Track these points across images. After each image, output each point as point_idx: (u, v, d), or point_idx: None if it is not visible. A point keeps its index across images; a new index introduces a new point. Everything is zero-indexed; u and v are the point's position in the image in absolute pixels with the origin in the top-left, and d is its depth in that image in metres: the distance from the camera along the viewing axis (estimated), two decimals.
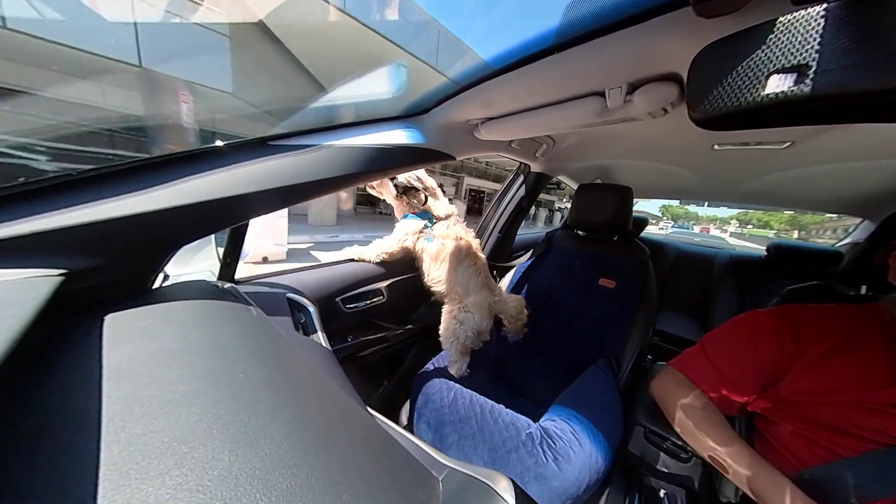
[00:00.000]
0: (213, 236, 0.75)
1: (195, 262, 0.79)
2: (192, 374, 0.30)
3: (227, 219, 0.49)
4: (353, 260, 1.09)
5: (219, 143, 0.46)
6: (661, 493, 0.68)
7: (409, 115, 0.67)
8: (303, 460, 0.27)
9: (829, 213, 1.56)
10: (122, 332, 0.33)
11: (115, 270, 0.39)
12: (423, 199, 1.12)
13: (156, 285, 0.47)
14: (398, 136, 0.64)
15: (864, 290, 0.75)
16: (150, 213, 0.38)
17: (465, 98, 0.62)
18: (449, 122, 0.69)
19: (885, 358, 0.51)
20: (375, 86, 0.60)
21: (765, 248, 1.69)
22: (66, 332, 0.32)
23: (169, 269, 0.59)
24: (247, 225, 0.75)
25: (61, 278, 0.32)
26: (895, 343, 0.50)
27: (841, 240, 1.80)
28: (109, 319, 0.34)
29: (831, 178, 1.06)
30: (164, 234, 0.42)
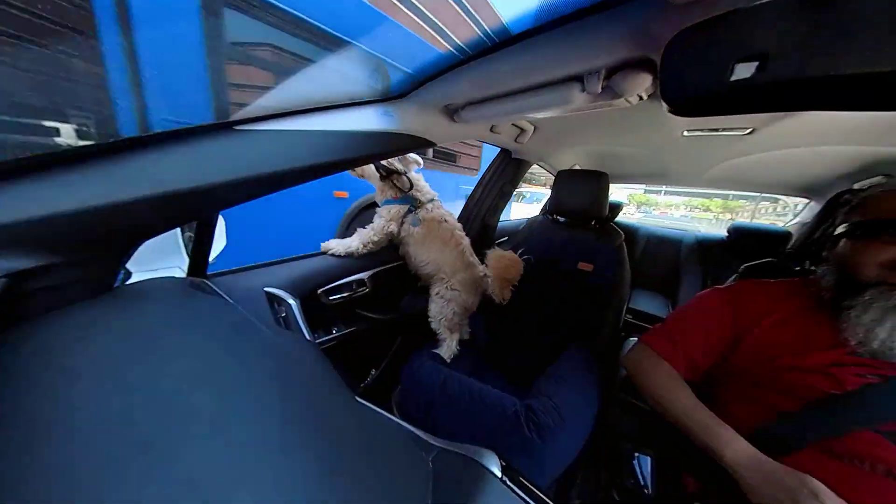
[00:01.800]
0: (177, 230, 0.70)
1: (162, 258, 0.74)
2: (165, 375, 0.29)
3: (191, 212, 0.46)
4: (339, 256, 1.06)
5: (178, 126, 0.42)
6: (634, 456, 0.75)
7: (385, 99, 0.65)
8: (292, 452, 0.27)
9: (781, 195, 1.69)
10: (83, 334, 0.31)
11: (69, 270, 0.35)
12: (409, 183, 1.10)
13: (118, 284, 0.44)
14: (375, 121, 0.61)
15: (808, 264, 0.83)
16: (104, 207, 0.34)
17: (445, 81, 0.60)
18: (428, 106, 0.67)
19: (822, 325, 0.57)
20: (350, 67, 0.56)
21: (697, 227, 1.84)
22: (17, 337, 0.29)
23: (132, 266, 0.55)
24: (216, 217, 0.71)
25: (4, 280, 0.29)
26: (830, 312, 0.57)
27: (788, 221, 1.97)
28: (67, 322, 0.31)
29: (785, 162, 1.15)
30: (121, 230, 0.39)
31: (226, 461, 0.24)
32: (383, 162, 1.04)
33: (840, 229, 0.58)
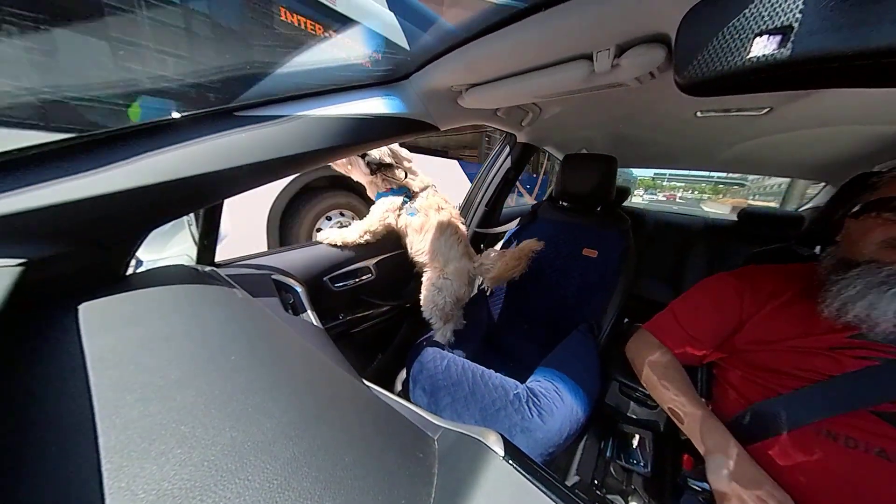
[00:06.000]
0: (185, 219, 0.70)
1: (170, 246, 0.75)
2: (180, 359, 0.30)
3: (196, 199, 0.46)
4: (336, 245, 1.06)
5: (175, 114, 0.41)
6: (633, 436, 0.77)
7: (387, 82, 0.63)
8: (304, 431, 0.29)
9: (796, 178, 1.64)
10: (100, 320, 0.32)
11: (82, 257, 0.36)
12: (402, 176, 1.09)
13: (129, 271, 0.45)
14: (377, 105, 0.60)
15: (818, 250, 0.81)
16: (112, 195, 0.35)
17: (449, 61, 0.58)
18: (431, 88, 0.65)
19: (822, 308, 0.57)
20: (349, 48, 0.54)
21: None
22: (38, 324, 0.31)
23: (142, 254, 0.56)
24: (221, 205, 0.71)
25: (21, 268, 0.29)
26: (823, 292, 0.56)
27: (802, 205, 1.92)
28: (85, 309, 0.32)
29: (801, 144, 1.10)
30: (130, 218, 0.39)
31: (238, 443, 0.25)
32: (374, 154, 1.03)
33: (854, 210, 0.57)
